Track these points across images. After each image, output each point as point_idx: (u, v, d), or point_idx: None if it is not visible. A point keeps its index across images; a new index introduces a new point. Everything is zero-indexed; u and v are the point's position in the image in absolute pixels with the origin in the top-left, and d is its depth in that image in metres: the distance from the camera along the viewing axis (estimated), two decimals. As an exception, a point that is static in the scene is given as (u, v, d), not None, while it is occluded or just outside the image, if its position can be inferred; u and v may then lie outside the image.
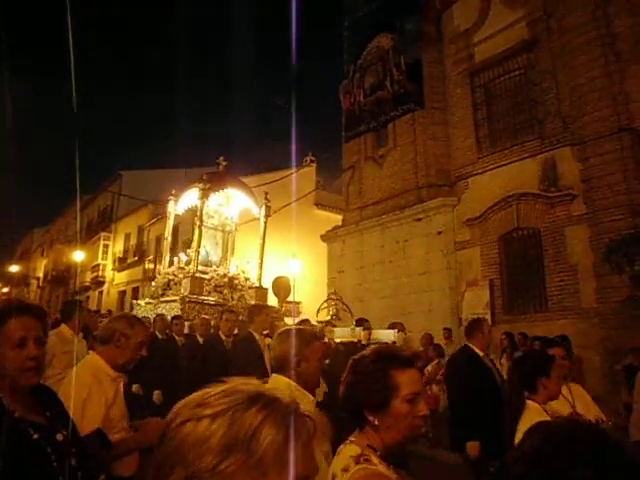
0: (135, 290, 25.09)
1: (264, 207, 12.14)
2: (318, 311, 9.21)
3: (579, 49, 9.94)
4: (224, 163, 12.28)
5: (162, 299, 10.56)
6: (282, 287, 12.67)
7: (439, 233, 12.12)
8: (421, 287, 12.15)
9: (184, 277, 10.55)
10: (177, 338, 7.10)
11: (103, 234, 30.14)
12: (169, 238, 12.22)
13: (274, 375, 2.25)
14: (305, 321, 6.43)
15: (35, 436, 1.46)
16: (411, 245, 12.67)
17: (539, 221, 10.31)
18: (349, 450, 1.50)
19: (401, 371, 1.55)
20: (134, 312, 10.19)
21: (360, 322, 8.10)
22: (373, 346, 1.73)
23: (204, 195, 11.09)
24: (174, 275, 10.96)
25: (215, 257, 12.01)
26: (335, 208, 19.81)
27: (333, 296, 9.59)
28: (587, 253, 9.39)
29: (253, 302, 10.49)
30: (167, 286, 10.90)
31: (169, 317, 8.00)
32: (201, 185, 11.08)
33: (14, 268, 40.95)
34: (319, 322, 8.65)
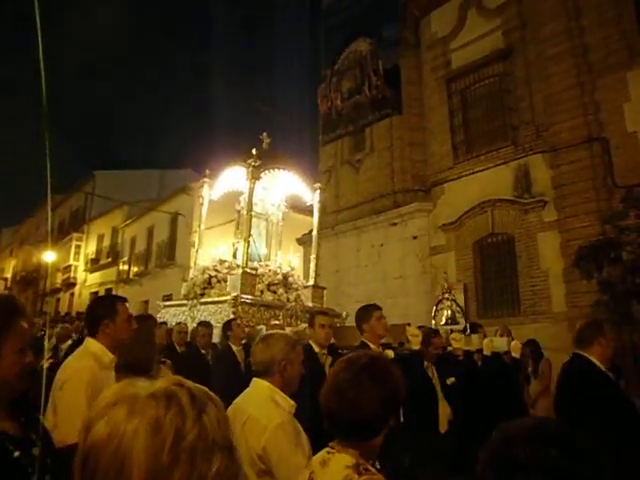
0: (108, 292, 24.67)
1: (318, 192, 10.17)
2: (434, 315, 7.96)
3: (552, 59, 10.17)
4: (268, 140, 9.99)
5: (202, 300, 8.76)
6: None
7: (414, 238, 12.22)
8: (397, 291, 12.22)
9: (229, 273, 8.86)
10: (235, 349, 5.71)
11: (75, 235, 29.59)
12: (202, 226, 10.18)
13: (255, 379, 2.25)
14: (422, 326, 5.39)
15: (16, 453, 1.33)
16: (387, 249, 12.75)
17: (513, 227, 10.49)
18: (341, 460, 1.47)
19: None
20: (161, 317, 8.78)
21: (475, 326, 6.77)
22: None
23: (254, 175, 9.00)
24: (216, 271, 9.15)
25: (262, 250, 10.15)
26: (310, 211, 19.79)
27: (447, 295, 8.09)
28: (558, 259, 9.59)
29: (310, 304, 9.15)
30: (208, 284, 9.10)
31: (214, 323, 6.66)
32: (251, 161, 8.92)
33: (-19, 268, 39.80)
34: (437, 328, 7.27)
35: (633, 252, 7.37)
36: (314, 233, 10.31)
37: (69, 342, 7.22)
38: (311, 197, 10.21)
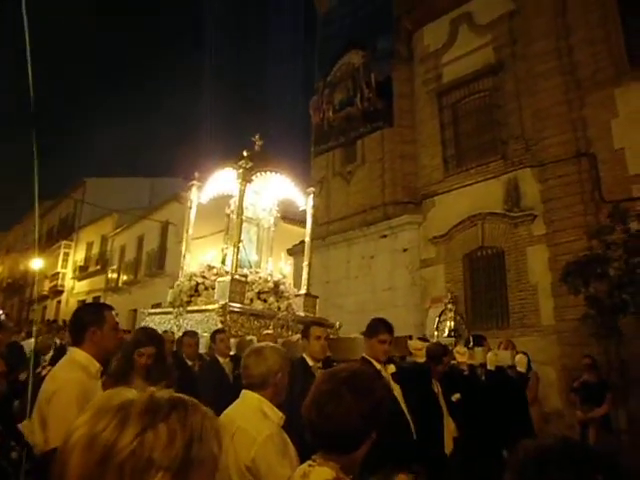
0: (96, 300, 24.47)
1: (312, 197, 9.81)
2: (437, 326, 7.74)
3: (542, 75, 10.32)
4: (260, 142, 9.65)
5: (188, 308, 8.33)
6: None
7: (404, 250, 12.26)
8: (386, 303, 12.22)
9: (217, 280, 8.45)
10: (222, 360, 5.49)
11: (64, 242, 29.38)
12: (190, 231, 9.71)
13: (244, 391, 2.24)
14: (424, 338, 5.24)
15: None
16: (377, 261, 12.77)
17: (502, 240, 10.55)
18: (321, 473, 1.47)
19: None
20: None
21: (479, 339, 6.45)
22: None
23: (245, 177, 8.67)
24: (203, 277, 8.76)
25: (252, 256, 9.74)
26: (301, 222, 19.81)
27: (450, 306, 7.83)
28: (546, 272, 9.65)
29: (302, 313, 8.80)
30: (195, 291, 8.69)
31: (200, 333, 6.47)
32: (242, 163, 8.61)
33: (-33, 275, 39.27)
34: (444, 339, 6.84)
35: (619, 268, 7.44)
36: (307, 240, 9.96)
37: (51, 353, 7.02)
38: (304, 202, 9.84)
